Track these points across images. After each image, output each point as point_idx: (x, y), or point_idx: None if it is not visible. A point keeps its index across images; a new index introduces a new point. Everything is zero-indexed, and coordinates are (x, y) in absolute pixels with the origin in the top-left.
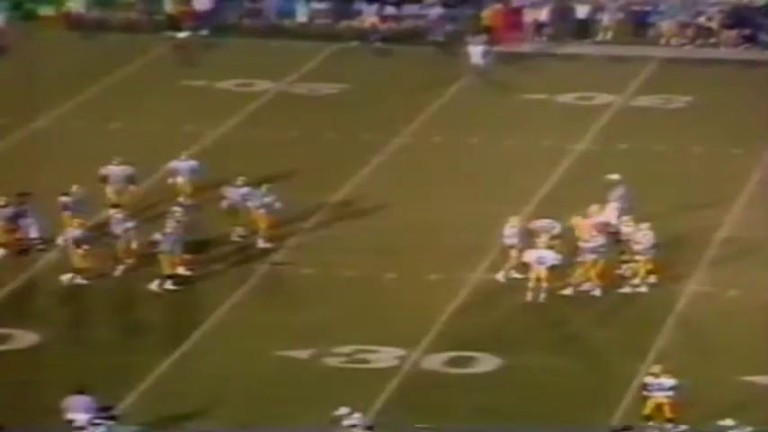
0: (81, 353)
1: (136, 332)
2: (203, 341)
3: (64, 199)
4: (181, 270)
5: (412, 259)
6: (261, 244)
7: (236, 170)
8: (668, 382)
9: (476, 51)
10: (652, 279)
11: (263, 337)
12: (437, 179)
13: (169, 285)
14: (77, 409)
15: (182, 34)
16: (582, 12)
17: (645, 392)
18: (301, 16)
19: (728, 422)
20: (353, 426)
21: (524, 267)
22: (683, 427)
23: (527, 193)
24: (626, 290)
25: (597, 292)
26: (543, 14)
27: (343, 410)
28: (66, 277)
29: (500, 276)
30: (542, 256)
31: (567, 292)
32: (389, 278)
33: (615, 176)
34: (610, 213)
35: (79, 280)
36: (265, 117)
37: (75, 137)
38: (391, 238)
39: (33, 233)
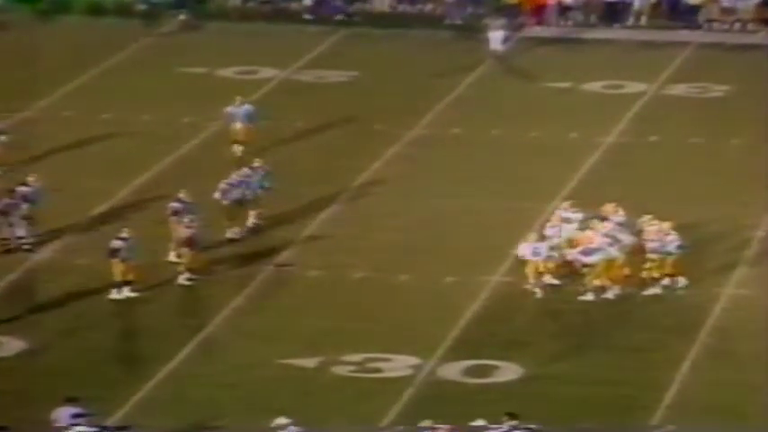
0: (72, 361)
1: (131, 339)
2: (201, 349)
3: None
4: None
5: (427, 260)
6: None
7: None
8: None
9: (495, 37)
10: (666, 281)
11: (266, 344)
12: (455, 174)
13: (126, 293)
14: (67, 421)
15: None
16: None
17: None
18: None
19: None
20: None
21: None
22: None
23: (551, 190)
24: (647, 292)
25: (610, 295)
26: None
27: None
28: None
29: (553, 280)
30: (537, 248)
31: (588, 297)
32: (403, 280)
33: None
34: None
35: None
36: (269, 106)
37: (65, 128)
38: (405, 237)
39: (20, 232)
